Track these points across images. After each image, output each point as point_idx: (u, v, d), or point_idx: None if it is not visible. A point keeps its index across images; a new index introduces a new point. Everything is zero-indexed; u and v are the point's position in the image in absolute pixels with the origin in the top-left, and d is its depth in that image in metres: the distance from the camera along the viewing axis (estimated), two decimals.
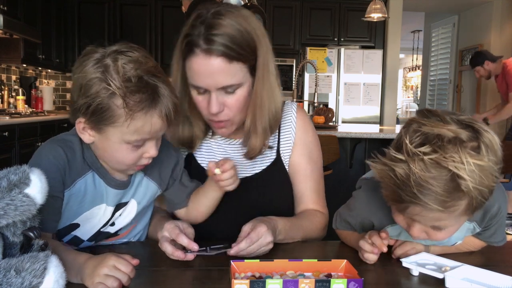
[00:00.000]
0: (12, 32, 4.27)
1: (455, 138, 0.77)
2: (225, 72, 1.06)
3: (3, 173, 0.73)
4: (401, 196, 0.80)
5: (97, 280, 0.80)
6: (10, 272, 0.69)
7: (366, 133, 3.33)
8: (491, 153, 0.79)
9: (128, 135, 0.94)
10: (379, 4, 4.48)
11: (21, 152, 3.89)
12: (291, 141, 1.28)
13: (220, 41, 1.04)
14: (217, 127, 1.17)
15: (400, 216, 0.90)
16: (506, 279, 0.86)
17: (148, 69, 0.93)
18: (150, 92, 0.92)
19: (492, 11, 6.20)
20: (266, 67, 1.14)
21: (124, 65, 0.91)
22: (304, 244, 1.15)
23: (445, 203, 0.78)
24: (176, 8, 5.01)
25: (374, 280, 0.92)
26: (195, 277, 0.92)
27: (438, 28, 7.59)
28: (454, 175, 0.76)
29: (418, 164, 0.77)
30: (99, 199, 1.04)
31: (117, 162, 1.00)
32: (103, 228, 1.08)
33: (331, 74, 5.86)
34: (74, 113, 0.97)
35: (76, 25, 5.77)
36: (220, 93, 1.09)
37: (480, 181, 0.77)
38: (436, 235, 0.88)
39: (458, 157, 0.75)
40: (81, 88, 0.93)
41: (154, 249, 1.12)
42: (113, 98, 0.90)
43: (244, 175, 1.24)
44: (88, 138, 0.98)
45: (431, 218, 0.82)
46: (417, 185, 0.77)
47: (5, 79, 4.99)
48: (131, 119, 0.91)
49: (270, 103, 1.18)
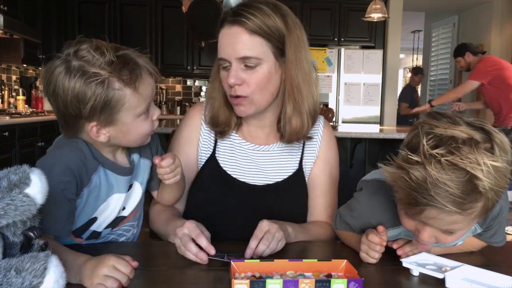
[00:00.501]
0: (13, 32, 4.28)
1: (470, 139, 0.77)
2: (245, 42, 1.11)
3: (3, 173, 0.73)
4: (416, 199, 0.79)
5: (97, 281, 0.80)
6: (10, 272, 0.69)
7: (366, 133, 3.33)
8: (504, 154, 0.78)
9: (137, 108, 0.99)
10: (379, 4, 4.48)
11: (21, 152, 3.89)
12: (315, 154, 1.29)
13: (245, 14, 1.10)
14: (235, 104, 1.18)
15: (409, 221, 0.88)
16: (506, 279, 0.86)
17: (111, 46, 0.97)
18: (130, 61, 0.97)
19: (492, 11, 6.20)
20: (298, 54, 1.16)
21: (93, 54, 0.93)
22: (304, 244, 1.15)
23: (463, 205, 0.77)
24: (176, 8, 5.02)
25: (374, 280, 0.92)
26: (195, 277, 0.92)
27: (438, 28, 7.59)
28: (471, 176, 0.75)
29: (434, 166, 0.76)
30: (112, 190, 1.08)
31: (139, 137, 1.04)
32: (118, 214, 1.12)
33: (331, 74, 5.85)
34: (76, 125, 0.99)
35: (76, 25, 5.77)
36: (240, 66, 1.12)
37: (495, 182, 0.76)
38: (446, 239, 0.86)
39: (474, 158, 0.75)
40: (73, 101, 0.94)
41: (154, 249, 1.12)
42: (111, 86, 0.94)
43: (265, 182, 1.25)
44: (104, 137, 1.01)
45: (446, 221, 0.81)
46: (434, 187, 0.76)
47: (5, 79, 4.99)
48: (133, 91, 0.96)
49: (308, 90, 1.19)
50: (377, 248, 0.97)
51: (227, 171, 1.26)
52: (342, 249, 1.11)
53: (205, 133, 1.29)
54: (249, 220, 1.07)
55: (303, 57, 1.17)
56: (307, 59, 1.18)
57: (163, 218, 1.20)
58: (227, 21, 1.13)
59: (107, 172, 1.06)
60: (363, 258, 0.99)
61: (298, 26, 1.18)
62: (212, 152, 1.28)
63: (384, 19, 4.63)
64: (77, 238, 1.09)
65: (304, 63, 1.17)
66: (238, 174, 1.26)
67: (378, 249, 0.97)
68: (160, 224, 1.20)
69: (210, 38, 4.06)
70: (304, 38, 1.19)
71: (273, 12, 1.13)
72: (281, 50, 1.15)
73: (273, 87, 1.17)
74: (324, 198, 1.29)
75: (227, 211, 1.23)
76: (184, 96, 6.47)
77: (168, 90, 6.38)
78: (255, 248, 0.99)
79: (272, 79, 1.15)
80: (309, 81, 1.19)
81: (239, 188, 1.24)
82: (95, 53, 0.93)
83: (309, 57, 1.20)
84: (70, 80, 0.92)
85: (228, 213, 1.22)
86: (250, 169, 1.26)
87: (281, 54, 1.15)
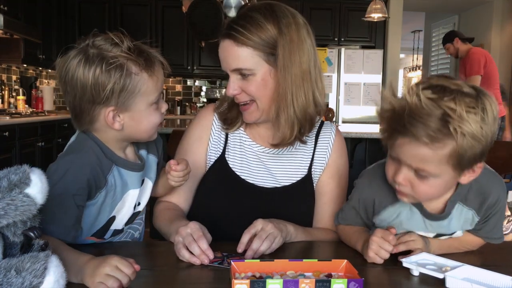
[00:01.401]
0: (13, 32, 4.28)
1: (457, 90, 0.84)
2: (233, 55, 1.14)
3: (3, 173, 0.73)
4: (394, 127, 0.88)
5: (98, 279, 0.80)
6: (10, 272, 0.69)
7: (367, 133, 3.33)
8: (487, 115, 0.84)
9: (151, 95, 1.03)
10: (380, 4, 4.48)
11: (22, 152, 3.89)
12: (325, 161, 1.29)
13: (235, 27, 1.13)
14: (243, 110, 1.21)
15: (390, 165, 0.95)
16: (506, 279, 0.86)
17: (125, 37, 1.02)
18: (145, 52, 1.03)
19: (493, 11, 6.19)
20: (287, 58, 1.13)
21: (110, 42, 0.99)
22: (304, 244, 1.15)
23: (431, 137, 0.83)
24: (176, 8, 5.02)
25: (374, 280, 0.92)
26: (196, 277, 0.92)
27: (438, 28, 7.58)
28: (445, 114, 0.82)
29: (415, 100, 0.84)
30: (126, 187, 1.10)
31: (151, 128, 1.07)
32: (137, 207, 1.16)
33: (332, 74, 5.85)
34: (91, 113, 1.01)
35: (76, 25, 5.77)
36: (236, 76, 1.16)
37: (469, 131, 0.82)
38: (420, 186, 0.91)
39: (454, 103, 0.82)
40: (94, 86, 0.97)
41: (155, 249, 1.12)
42: (129, 69, 0.98)
43: (273, 185, 1.25)
44: (119, 124, 1.03)
45: (417, 156, 0.86)
46: (410, 117, 0.84)
47: (6, 79, 4.99)
48: (149, 76, 1.01)
49: (296, 95, 1.15)
50: (390, 248, 0.96)
51: (236, 172, 1.26)
52: (342, 249, 1.11)
53: (215, 133, 1.29)
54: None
55: (296, 60, 1.14)
56: (302, 61, 1.15)
57: (167, 216, 1.20)
58: (222, 34, 1.17)
59: (120, 170, 1.08)
60: (371, 258, 0.98)
61: (294, 27, 1.14)
62: (222, 152, 1.28)
63: (384, 19, 4.63)
64: (99, 239, 1.11)
65: (296, 66, 1.14)
66: (247, 175, 1.26)
67: (391, 249, 0.96)
68: (164, 222, 1.19)
69: (210, 38, 4.06)
70: (302, 37, 1.15)
71: (265, 20, 1.13)
72: (274, 55, 1.14)
73: (271, 91, 1.16)
74: (331, 206, 1.28)
75: (234, 212, 1.23)
76: (184, 96, 6.47)
77: (168, 90, 6.38)
78: (246, 243, 1.00)
79: (267, 85, 1.16)
80: (301, 83, 1.15)
81: (247, 190, 1.24)
82: (112, 42, 0.99)
83: (309, 56, 1.16)
84: (90, 66, 0.97)
85: (235, 214, 1.22)
86: (259, 171, 1.26)
87: (275, 58, 1.14)
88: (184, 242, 0.97)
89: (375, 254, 0.97)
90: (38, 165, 0.78)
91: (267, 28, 1.13)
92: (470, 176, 0.93)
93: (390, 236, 0.96)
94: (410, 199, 0.97)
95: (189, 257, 0.96)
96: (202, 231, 1.00)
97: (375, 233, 0.98)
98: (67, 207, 0.97)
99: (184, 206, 1.28)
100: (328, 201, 1.29)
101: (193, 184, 1.28)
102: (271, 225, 1.04)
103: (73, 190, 0.98)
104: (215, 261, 0.97)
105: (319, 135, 1.30)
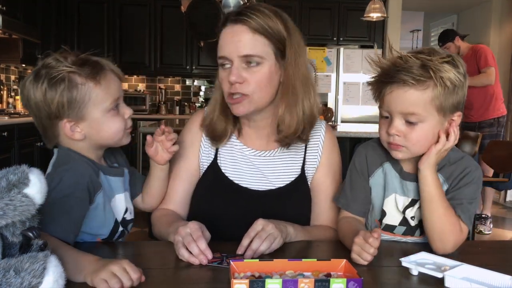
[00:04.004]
0: (12, 32, 4.27)
1: (431, 50, 1.05)
2: (248, 40, 1.12)
3: (2, 173, 0.73)
4: (382, 81, 1.05)
5: (103, 276, 0.80)
6: (9, 272, 0.69)
7: (366, 133, 3.33)
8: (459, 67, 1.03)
9: (104, 103, 1.06)
10: (378, 3, 4.48)
11: (21, 152, 3.89)
12: (317, 160, 1.29)
13: (248, 14, 1.13)
14: (233, 103, 1.17)
15: (382, 124, 1.10)
16: (505, 279, 0.86)
17: (75, 53, 1.08)
18: (92, 61, 1.07)
19: (491, 11, 6.19)
20: (297, 56, 1.18)
21: (57, 59, 1.04)
22: (303, 243, 1.15)
23: (416, 79, 1.00)
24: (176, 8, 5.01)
25: (373, 280, 0.92)
26: (195, 277, 0.92)
27: (437, 27, 7.58)
28: (424, 63, 1.01)
29: (402, 55, 1.04)
30: (112, 191, 1.15)
31: (114, 134, 1.10)
32: (125, 215, 1.18)
33: (330, 74, 5.85)
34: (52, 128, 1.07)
35: (75, 25, 5.75)
36: (242, 65, 1.13)
37: (445, 76, 1.00)
38: (411, 134, 1.04)
39: (429, 56, 1.01)
40: (43, 102, 1.03)
41: (154, 249, 1.12)
42: (73, 81, 1.02)
43: (267, 188, 1.25)
44: (80, 135, 1.07)
45: (405, 99, 1.02)
46: (395, 69, 1.02)
47: (4, 79, 4.98)
48: (96, 85, 1.04)
49: (304, 93, 1.20)
50: (371, 250, 0.96)
51: (229, 177, 1.26)
52: (342, 248, 1.11)
53: (206, 139, 1.29)
54: (250, 225, 1.06)
55: (302, 62, 1.20)
56: (305, 65, 1.21)
57: (165, 221, 1.20)
58: (230, 20, 1.15)
59: (104, 176, 1.13)
60: (354, 259, 0.98)
61: (298, 32, 1.20)
62: (214, 158, 1.28)
63: (383, 18, 4.63)
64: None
65: (303, 68, 1.20)
66: (240, 179, 1.26)
67: (372, 251, 0.96)
68: (162, 226, 1.19)
69: (210, 37, 4.06)
70: (303, 44, 1.21)
71: (275, 16, 1.16)
72: (281, 51, 1.16)
73: (272, 88, 1.17)
74: (328, 203, 1.28)
75: (230, 216, 1.23)
76: (183, 96, 6.46)
77: (167, 90, 6.38)
78: (247, 246, 1.00)
79: (272, 80, 1.16)
80: (306, 84, 1.21)
81: (241, 194, 1.24)
82: (59, 58, 1.03)
83: (307, 63, 1.23)
84: (38, 85, 1.03)
85: (231, 219, 1.22)
86: (252, 174, 1.26)
87: (281, 55, 1.17)
88: (183, 242, 0.98)
89: (357, 256, 0.97)
90: (37, 165, 0.77)
91: (277, 23, 1.15)
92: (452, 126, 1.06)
93: (370, 239, 0.95)
94: (404, 153, 1.08)
95: (188, 256, 0.96)
96: (201, 231, 1.00)
97: (358, 235, 0.98)
98: (68, 208, 0.98)
99: (181, 212, 1.28)
100: (324, 198, 1.29)
101: (188, 190, 1.28)
102: (272, 225, 1.04)
103: (74, 192, 1.00)
104: (214, 261, 0.97)
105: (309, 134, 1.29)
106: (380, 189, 1.18)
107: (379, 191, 1.18)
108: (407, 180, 1.14)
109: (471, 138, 3.49)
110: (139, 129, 3.61)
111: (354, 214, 1.18)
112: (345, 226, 1.15)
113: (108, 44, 5.73)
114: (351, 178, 1.20)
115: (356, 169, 1.20)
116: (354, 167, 1.21)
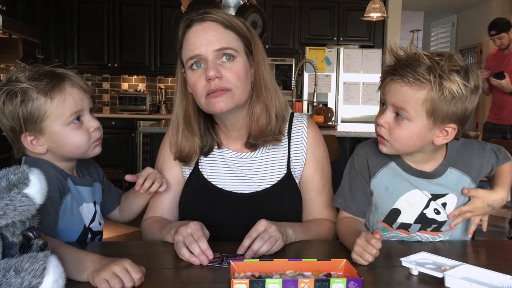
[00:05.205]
0: (11, 32, 4.27)
1: (450, 56, 1.03)
2: (221, 34, 1.13)
3: (2, 173, 0.73)
4: (389, 72, 1.07)
5: (105, 276, 0.80)
6: (9, 272, 0.69)
7: (366, 133, 3.33)
8: (469, 81, 1.01)
9: (62, 116, 1.06)
10: (378, 3, 4.48)
11: None
12: (303, 157, 1.27)
13: (213, 12, 1.14)
14: (214, 97, 1.12)
15: (379, 113, 1.11)
16: (506, 279, 0.86)
17: (40, 66, 1.08)
18: (51, 74, 1.06)
19: (491, 10, 6.20)
20: (264, 58, 1.21)
21: (19, 74, 1.05)
22: (303, 243, 1.15)
23: (415, 78, 1.01)
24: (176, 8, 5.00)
25: (373, 280, 0.92)
26: (195, 277, 0.92)
27: (437, 27, 7.59)
28: (432, 66, 1.00)
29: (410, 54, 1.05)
30: (80, 199, 1.15)
31: (76, 147, 1.10)
32: (91, 225, 1.18)
33: (331, 74, 5.85)
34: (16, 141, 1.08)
35: (75, 25, 5.75)
36: (216, 61, 1.12)
37: (447, 85, 0.99)
38: (395, 129, 1.06)
39: (442, 61, 1.00)
40: (2, 117, 1.05)
41: (154, 249, 1.12)
42: (28, 96, 1.03)
43: (254, 190, 1.24)
44: (42, 148, 1.08)
45: (399, 93, 1.04)
46: (404, 64, 1.04)
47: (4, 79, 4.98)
48: (51, 99, 1.04)
49: (274, 92, 1.22)
50: (373, 251, 0.95)
51: (212, 182, 1.24)
52: (342, 248, 1.11)
53: None
54: (240, 229, 1.06)
55: (267, 65, 1.22)
56: (270, 68, 1.24)
57: (158, 226, 1.20)
58: (196, 20, 1.15)
59: (73, 185, 1.14)
60: (355, 259, 0.98)
61: (259, 40, 1.23)
62: (195, 165, 1.27)
63: (383, 18, 4.63)
64: None
65: (269, 70, 1.22)
66: (223, 184, 1.24)
67: (374, 252, 0.96)
68: (156, 231, 1.19)
69: None
70: (264, 50, 1.24)
71: (237, 17, 1.19)
72: (249, 50, 1.18)
73: (248, 84, 1.18)
74: (321, 198, 1.28)
75: (217, 221, 1.20)
76: None
77: (167, 90, 6.38)
78: (248, 247, 1.00)
79: (247, 75, 1.17)
80: (274, 85, 1.23)
81: (226, 198, 1.23)
82: (21, 73, 1.04)
83: (270, 68, 1.25)
84: (0, 99, 1.04)
85: (218, 224, 1.18)
86: (236, 177, 1.24)
87: (250, 53, 1.18)
88: (184, 241, 0.97)
89: (358, 256, 0.97)
90: None
91: (242, 23, 1.18)
92: (443, 138, 1.07)
93: (373, 240, 0.95)
94: (388, 148, 1.10)
95: (189, 256, 0.96)
96: (202, 231, 1.00)
97: (360, 236, 0.98)
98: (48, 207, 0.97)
99: (171, 220, 1.28)
100: (316, 194, 1.28)
101: (174, 198, 1.28)
102: (274, 227, 1.03)
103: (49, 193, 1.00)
104: (214, 261, 0.97)
105: (291, 130, 1.28)
106: (385, 190, 1.17)
107: (384, 191, 1.17)
108: (417, 176, 1.15)
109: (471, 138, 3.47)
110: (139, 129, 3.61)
111: (353, 214, 1.18)
112: (345, 226, 1.15)
113: (108, 44, 5.74)
114: (350, 178, 1.20)
115: (355, 169, 1.20)
116: (352, 167, 1.20)
